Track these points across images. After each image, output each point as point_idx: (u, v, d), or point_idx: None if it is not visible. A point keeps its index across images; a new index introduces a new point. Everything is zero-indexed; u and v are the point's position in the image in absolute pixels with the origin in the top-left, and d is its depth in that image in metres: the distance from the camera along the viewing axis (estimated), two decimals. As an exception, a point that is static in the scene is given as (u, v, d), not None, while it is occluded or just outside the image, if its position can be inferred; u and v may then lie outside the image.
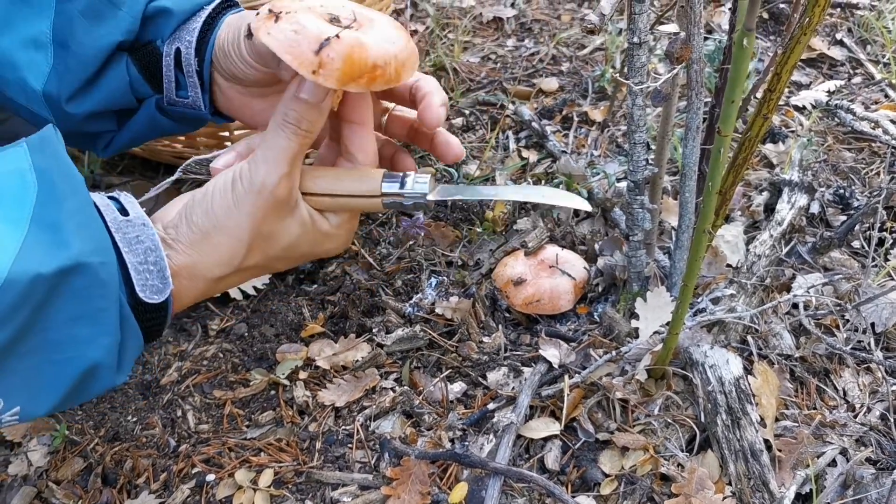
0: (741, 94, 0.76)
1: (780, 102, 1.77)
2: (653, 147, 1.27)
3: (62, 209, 0.59)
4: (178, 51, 0.85)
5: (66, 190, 0.60)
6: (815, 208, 1.42)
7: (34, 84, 0.84)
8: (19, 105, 0.86)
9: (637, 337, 1.16)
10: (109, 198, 0.67)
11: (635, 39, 1.04)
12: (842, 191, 1.45)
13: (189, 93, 0.86)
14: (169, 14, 0.86)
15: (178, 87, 0.87)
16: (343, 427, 1.13)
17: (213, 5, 0.87)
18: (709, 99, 1.59)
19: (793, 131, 1.66)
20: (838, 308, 1.21)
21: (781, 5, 2.01)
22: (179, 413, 1.17)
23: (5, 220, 0.57)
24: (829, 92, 1.78)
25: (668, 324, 1.06)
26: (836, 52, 1.92)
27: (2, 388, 0.58)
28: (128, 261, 0.63)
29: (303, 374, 1.20)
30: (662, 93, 1.08)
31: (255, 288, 1.34)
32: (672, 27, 1.71)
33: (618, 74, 1.69)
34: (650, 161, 1.15)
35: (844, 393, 1.13)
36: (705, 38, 1.85)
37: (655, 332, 1.14)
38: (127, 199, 0.67)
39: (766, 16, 2.04)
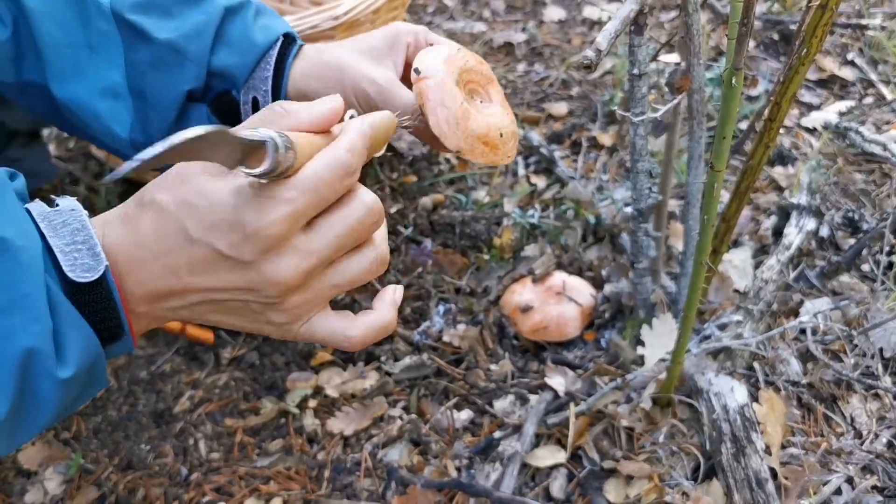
0: (732, 130, 0.76)
1: (790, 124, 1.77)
2: (657, 175, 1.28)
3: None
4: (255, 99, 0.88)
5: None
6: (824, 232, 1.42)
7: (120, 133, 0.88)
8: (107, 147, 0.91)
9: (643, 364, 1.17)
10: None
11: (635, 71, 1.05)
12: (851, 214, 1.45)
13: None
14: (234, 72, 0.89)
15: None
16: (351, 455, 1.14)
17: (277, 49, 0.90)
18: (714, 123, 1.60)
19: (803, 153, 1.66)
20: (846, 333, 1.21)
21: (792, 27, 2.02)
22: (191, 441, 1.19)
23: None
24: (839, 113, 1.78)
25: (672, 352, 1.07)
26: (847, 73, 1.92)
27: None
28: (53, 245, 0.59)
29: (312, 403, 1.22)
30: (663, 123, 1.09)
31: (266, 316, 1.36)
32: (675, 57, 1.72)
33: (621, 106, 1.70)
34: (654, 189, 1.15)
35: (852, 419, 1.13)
36: (712, 65, 1.85)
37: (661, 360, 1.15)
38: (63, 199, 0.64)
39: (776, 37, 2.05)
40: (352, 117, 0.67)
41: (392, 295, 0.69)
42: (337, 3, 1.28)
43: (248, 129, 0.56)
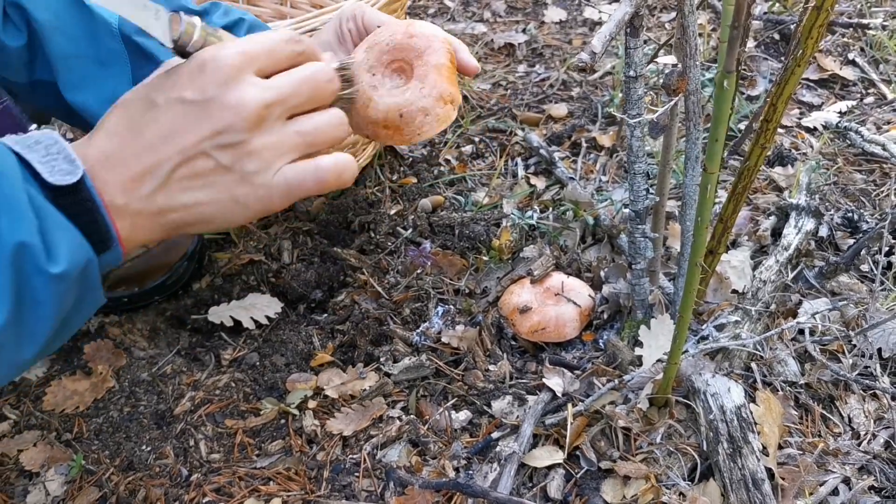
0: (725, 132, 0.77)
1: (790, 124, 1.77)
2: (654, 176, 1.28)
3: None
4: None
5: None
6: (823, 232, 1.43)
7: None
8: None
9: (640, 365, 1.17)
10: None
11: (631, 73, 1.06)
12: (850, 214, 1.45)
13: None
14: None
15: None
16: (350, 456, 1.15)
17: None
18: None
19: (803, 154, 1.66)
20: (844, 334, 1.21)
21: (792, 26, 2.02)
22: (192, 442, 1.20)
23: None
24: (840, 113, 1.78)
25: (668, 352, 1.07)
26: (849, 72, 1.92)
27: None
28: (29, 158, 0.62)
29: (312, 404, 1.22)
30: (660, 124, 1.10)
31: (267, 317, 1.37)
32: (672, 58, 1.72)
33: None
34: (651, 191, 1.16)
35: (850, 420, 1.13)
36: (712, 65, 1.86)
37: (658, 361, 1.15)
38: (34, 129, 0.69)
39: (777, 37, 2.05)
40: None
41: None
42: (336, 6, 1.28)
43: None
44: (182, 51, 0.69)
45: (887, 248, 1.36)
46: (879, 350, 1.20)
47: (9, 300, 0.59)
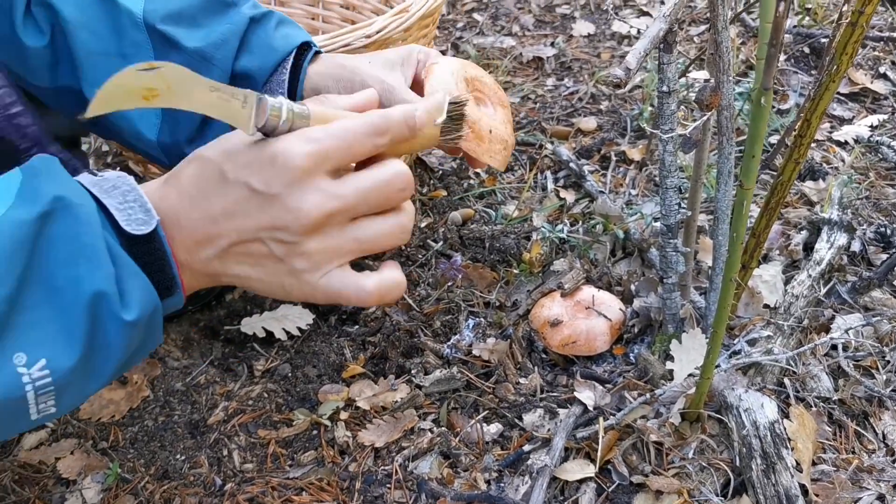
0: (760, 149, 0.77)
1: (821, 138, 1.77)
2: (686, 190, 1.28)
3: (40, 179, 0.62)
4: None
5: (43, 168, 0.64)
6: (855, 247, 1.42)
7: (148, 135, 0.96)
8: (138, 150, 1.00)
9: (672, 379, 1.17)
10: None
11: (664, 88, 1.06)
12: (883, 228, 1.44)
13: None
14: (255, 75, 0.96)
15: None
16: (382, 467, 1.16)
17: (293, 54, 0.98)
18: (744, 137, 1.60)
19: (834, 168, 1.66)
20: (878, 350, 1.21)
21: (823, 40, 2.01)
22: (225, 452, 1.21)
23: None
24: (871, 127, 1.78)
25: (701, 367, 1.07)
26: (880, 86, 1.91)
27: (22, 344, 0.59)
28: (107, 204, 0.64)
29: (344, 415, 1.24)
30: (692, 139, 1.10)
31: (299, 329, 1.38)
32: (704, 73, 1.72)
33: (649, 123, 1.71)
34: (682, 205, 1.16)
35: (884, 436, 1.12)
36: (742, 80, 1.85)
37: (690, 375, 1.15)
38: (106, 171, 0.70)
39: (807, 50, 2.04)
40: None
41: (397, 265, 0.74)
42: (370, 22, 1.30)
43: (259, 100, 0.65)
44: (268, 134, 0.67)
45: (921, 264, 1.35)
46: (914, 366, 1.19)
47: (81, 344, 0.61)
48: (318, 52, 1.01)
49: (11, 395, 0.59)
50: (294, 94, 0.97)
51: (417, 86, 0.99)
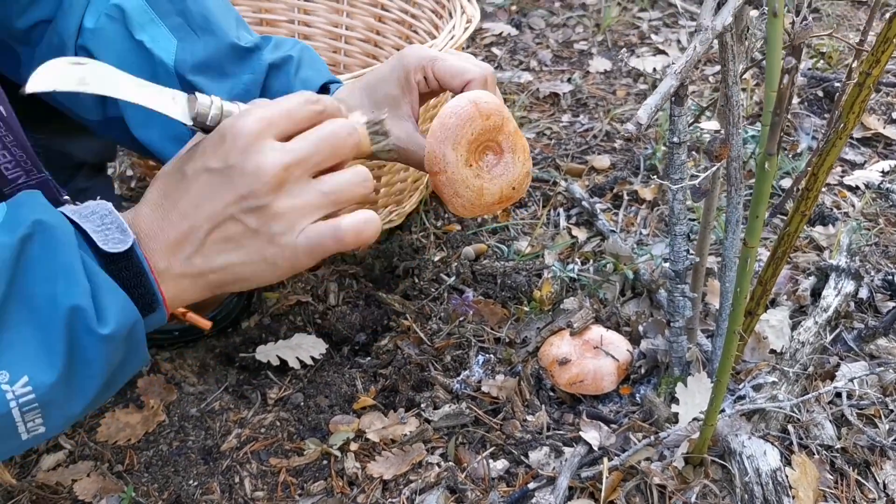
0: (765, 210, 0.80)
1: (832, 182, 1.79)
2: (695, 237, 1.31)
3: (23, 209, 0.66)
4: None
5: (26, 200, 0.68)
6: (863, 293, 1.44)
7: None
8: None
9: (676, 422, 1.19)
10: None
11: (675, 139, 1.09)
12: (891, 276, 1.46)
13: None
14: None
15: None
16: (390, 499, 1.18)
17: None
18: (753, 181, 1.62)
19: (844, 213, 1.68)
20: (881, 399, 1.22)
21: (836, 84, 2.04)
22: (237, 479, 1.24)
23: None
24: (882, 172, 1.80)
25: (705, 412, 1.09)
26: (892, 132, 1.93)
27: (4, 362, 0.62)
28: (86, 227, 0.68)
29: (354, 446, 1.26)
30: (702, 189, 1.13)
31: (312, 358, 1.41)
32: (714, 124, 1.75)
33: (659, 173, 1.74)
34: (691, 251, 1.19)
35: (884, 486, 1.13)
36: (756, 121, 1.88)
37: (694, 419, 1.17)
38: (88, 201, 0.74)
39: (820, 94, 2.07)
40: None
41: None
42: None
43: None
44: (203, 127, 0.75)
45: (927, 314, 1.37)
46: (917, 417, 1.20)
47: (61, 359, 0.64)
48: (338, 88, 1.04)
49: None
50: None
51: (431, 84, 0.95)
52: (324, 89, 1.03)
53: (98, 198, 0.72)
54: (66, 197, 0.81)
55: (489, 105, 0.90)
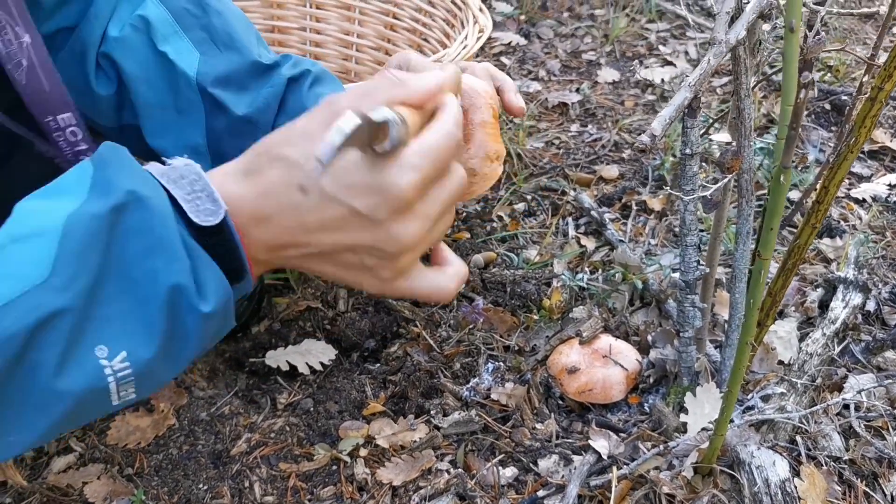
0: (779, 222, 0.81)
1: (840, 194, 1.80)
2: (705, 247, 1.32)
3: (111, 170, 0.63)
4: None
5: (113, 158, 0.65)
6: (870, 306, 1.44)
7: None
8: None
9: (685, 432, 1.20)
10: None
11: (687, 151, 1.10)
12: (898, 289, 1.46)
13: None
14: None
15: None
16: (399, 506, 1.19)
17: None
18: (763, 191, 1.63)
19: (852, 226, 1.68)
20: (889, 411, 1.23)
21: (844, 97, 2.05)
22: (247, 484, 1.24)
23: (69, 195, 0.62)
24: (889, 185, 1.80)
25: (715, 421, 1.09)
26: (899, 145, 1.94)
27: (102, 336, 0.60)
28: (176, 195, 0.64)
29: (363, 452, 1.27)
30: (713, 200, 1.14)
31: (321, 364, 1.42)
32: (725, 136, 1.76)
33: (670, 185, 1.75)
34: (701, 262, 1.19)
35: (892, 498, 1.14)
36: (764, 133, 1.89)
37: (703, 429, 1.18)
38: (175, 159, 0.69)
39: (828, 107, 2.08)
40: None
41: (449, 250, 0.76)
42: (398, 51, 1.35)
43: (371, 109, 0.61)
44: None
45: (935, 327, 1.37)
46: (925, 429, 1.21)
47: (160, 336, 0.62)
48: None
49: (95, 386, 0.60)
50: None
51: None
52: None
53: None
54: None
55: (466, 85, 0.86)
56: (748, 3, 1.03)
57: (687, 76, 1.02)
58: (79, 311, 0.59)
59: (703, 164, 1.80)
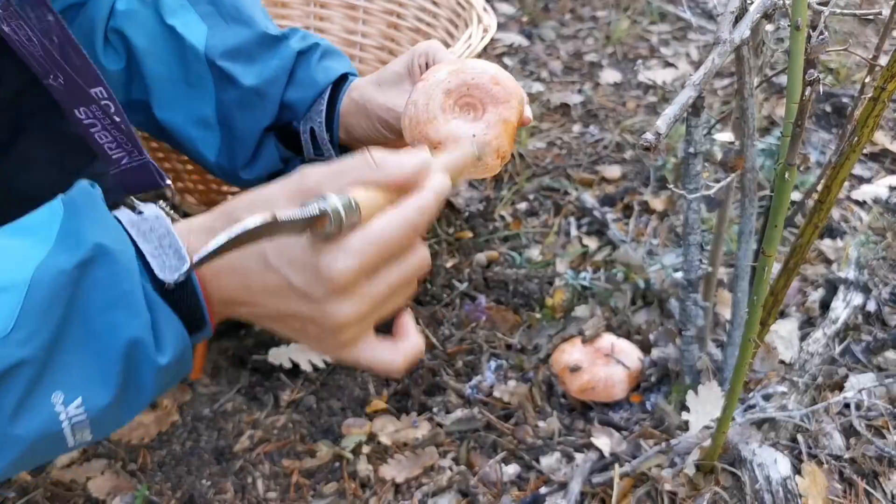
0: (783, 219, 0.81)
1: (840, 196, 1.80)
2: (707, 247, 1.32)
3: (82, 219, 0.64)
4: (312, 129, 1.01)
5: (84, 204, 0.66)
6: (871, 306, 1.45)
7: (208, 156, 1.04)
8: (201, 165, 1.09)
9: (687, 430, 1.20)
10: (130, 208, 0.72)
11: (691, 150, 1.11)
12: (899, 290, 1.47)
13: (325, 155, 1.02)
14: (298, 107, 1.02)
15: (315, 151, 1.03)
16: (402, 502, 1.19)
17: (330, 87, 1.02)
18: (765, 192, 1.64)
19: (853, 227, 1.69)
20: (889, 410, 1.23)
21: (845, 100, 2.06)
22: (250, 480, 1.25)
23: (36, 240, 0.63)
24: (890, 187, 1.81)
25: (717, 419, 1.10)
26: (900, 147, 1.95)
27: (59, 383, 0.62)
28: (143, 249, 0.65)
29: (366, 449, 1.27)
30: (716, 199, 1.14)
31: (324, 361, 1.42)
32: (728, 135, 1.77)
33: (675, 184, 1.76)
34: (704, 260, 1.20)
35: (892, 496, 1.14)
36: (766, 134, 1.90)
37: (705, 427, 1.18)
38: (145, 205, 0.70)
39: (829, 109, 2.08)
40: None
41: (412, 321, 0.74)
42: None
43: (301, 205, 0.61)
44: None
45: (935, 327, 1.38)
46: (925, 429, 1.22)
47: (116, 385, 0.63)
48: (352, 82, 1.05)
49: (49, 431, 0.62)
50: (331, 125, 1.02)
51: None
52: (342, 79, 1.04)
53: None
54: (169, 182, 0.80)
55: (507, 81, 0.89)
56: (752, 3, 1.03)
57: (690, 76, 1.03)
58: (39, 361, 0.60)
59: (706, 164, 1.81)
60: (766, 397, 1.25)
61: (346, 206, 0.61)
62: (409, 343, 0.72)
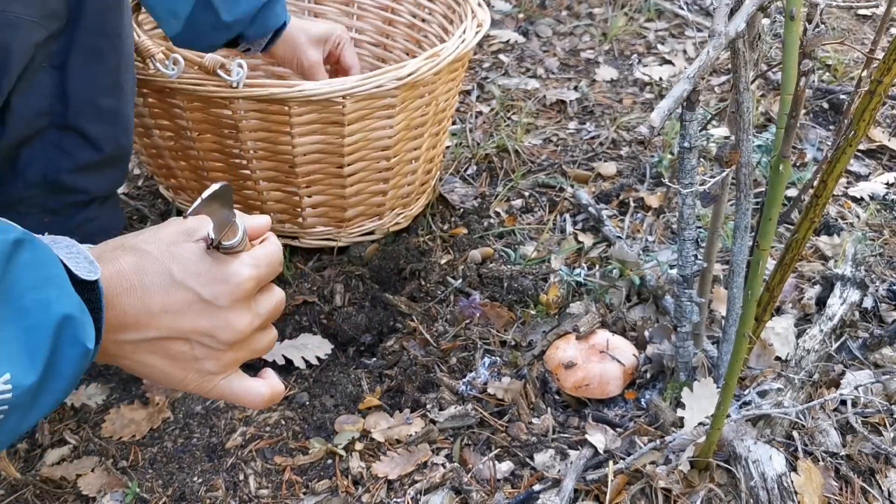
0: (778, 212, 0.80)
1: (837, 192, 1.79)
2: (702, 243, 1.31)
3: (3, 221, 0.65)
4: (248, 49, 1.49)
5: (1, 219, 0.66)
6: (868, 303, 1.44)
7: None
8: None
9: (682, 427, 1.19)
10: None
11: (686, 144, 1.10)
12: (895, 286, 1.46)
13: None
14: (249, 39, 1.46)
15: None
16: (395, 499, 1.18)
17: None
18: (760, 189, 1.63)
19: (849, 224, 1.68)
20: (886, 407, 1.23)
21: (842, 96, 2.05)
22: (242, 477, 1.24)
23: None
24: (887, 184, 1.80)
25: (712, 416, 1.09)
26: (897, 144, 1.94)
27: None
28: (56, 251, 0.66)
29: (359, 446, 1.26)
30: (711, 194, 1.13)
31: (318, 358, 1.41)
32: (724, 130, 1.76)
33: (670, 178, 1.75)
34: (699, 256, 1.19)
35: (889, 494, 1.14)
36: (763, 130, 1.89)
37: (700, 424, 1.17)
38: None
39: (825, 105, 2.08)
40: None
41: (272, 372, 0.83)
42: (402, 65, 1.34)
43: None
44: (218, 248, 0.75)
45: (932, 324, 1.37)
46: (922, 425, 1.21)
47: (42, 364, 0.62)
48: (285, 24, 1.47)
49: None
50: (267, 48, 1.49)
51: (332, 57, 1.56)
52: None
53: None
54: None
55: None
56: (747, -5, 1.03)
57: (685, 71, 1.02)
58: None
59: (702, 159, 1.80)
60: (762, 394, 1.24)
61: (244, 228, 0.74)
62: (273, 381, 0.82)
